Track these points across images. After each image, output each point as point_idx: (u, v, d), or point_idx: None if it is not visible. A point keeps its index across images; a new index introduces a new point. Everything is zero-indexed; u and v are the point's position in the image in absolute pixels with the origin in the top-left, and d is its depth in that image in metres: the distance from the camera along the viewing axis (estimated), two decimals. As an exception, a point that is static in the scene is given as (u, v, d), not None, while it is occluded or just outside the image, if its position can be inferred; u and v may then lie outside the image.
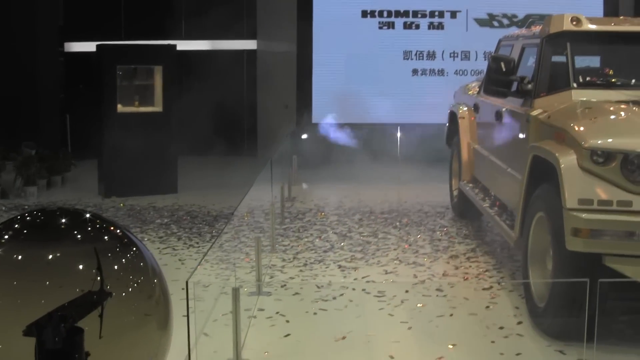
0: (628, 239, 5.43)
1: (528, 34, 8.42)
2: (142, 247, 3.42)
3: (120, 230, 3.48)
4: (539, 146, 6.42)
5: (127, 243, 3.39)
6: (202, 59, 16.77)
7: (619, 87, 7.02)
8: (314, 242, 9.36)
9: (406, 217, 10.78)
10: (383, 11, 15.43)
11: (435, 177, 12.86)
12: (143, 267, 3.31)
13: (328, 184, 13.46)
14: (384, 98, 15.23)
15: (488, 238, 9.61)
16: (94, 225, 3.43)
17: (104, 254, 3.20)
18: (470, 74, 15.31)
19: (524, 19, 15.47)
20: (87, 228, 3.39)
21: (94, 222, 3.43)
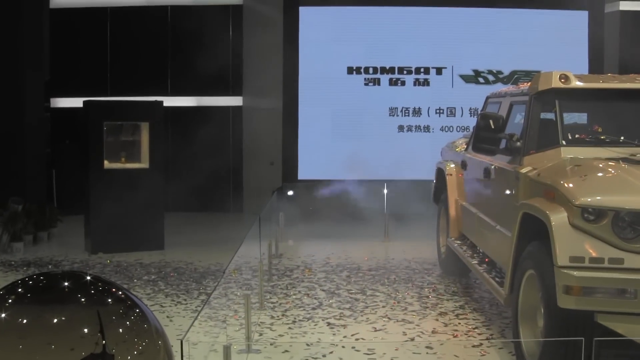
0: (620, 296, 5.43)
1: (516, 91, 8.48)
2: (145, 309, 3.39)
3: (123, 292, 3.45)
4: (529, 204, 6.44)
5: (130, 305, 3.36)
6: (188, 115, 16.83)
7: (608, 144, 7.06)
8: (302, 299, 9.32)
9: (394, 274, 10.75)
10: (369, 68, 15.53)
11: (423, 234, 12.87)
12: (147, 329, 3.27)
13: (315, 240, 13.45)
14: (370, 154, 15.30)
15: (477, 295, 9.58)
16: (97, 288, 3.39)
17: (108, 317, 3.17)
18: (456, 130, 15.40)
19: (510, 75, 15.61)
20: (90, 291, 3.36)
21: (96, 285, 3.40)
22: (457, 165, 10.32)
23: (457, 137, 12.75)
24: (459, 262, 9.79)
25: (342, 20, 15.52)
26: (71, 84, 16.80)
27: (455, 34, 15.52)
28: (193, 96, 17.02)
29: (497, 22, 15.63)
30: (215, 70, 16.83)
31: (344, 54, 15.45)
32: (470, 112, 15.48)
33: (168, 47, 17.03)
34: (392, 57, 15.51)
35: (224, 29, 17.00)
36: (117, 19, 17.03)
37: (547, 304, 5.82)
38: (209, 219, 15.78)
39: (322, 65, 15.43)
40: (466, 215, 9.61)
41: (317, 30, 15.46)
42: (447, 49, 15.51)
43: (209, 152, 16.10)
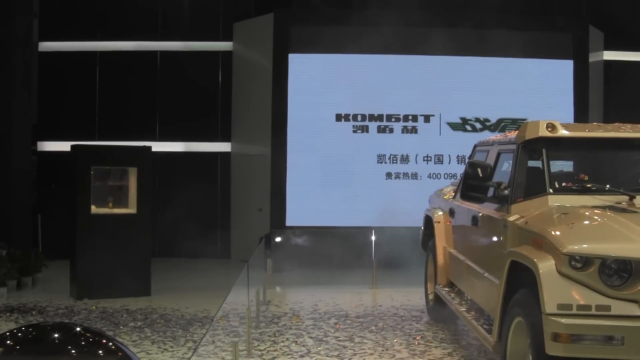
0: (607, 343, 5.45)
1: (504, 140, 8.55)
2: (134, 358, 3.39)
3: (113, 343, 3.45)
4: (516, 251, 6.47)
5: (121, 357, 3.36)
6: (176, 160, 16.86)
7: (594, 192, 7.11)
8: (290, 346, 9.28)
9: (382, 321, 10.72)
10: (357, 115, 15.64)
11: (411, 281, 12.87)
12: (138, 380, 3.28)
13: (303, 287, 13.44)
14: (358, 201, 15.37)
15: (464, 342, 9.57)
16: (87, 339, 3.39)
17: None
18: (444, 177, 15.50)
19: (497, 123, 15.75)
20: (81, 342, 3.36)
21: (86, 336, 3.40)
22: (445, 213, 10.36)
23: (445, 184, 12.82)
24: (447, 309, 9.79)
25: (331, 68, 15.65)
26: (59, 127, 16.84)
27: (443, 82, 15.68)
28: (181, 141, 17.08)
29: (484, 71, 15.80)
30: (204, 115, 16.95)
31: (332, 101, 15.57)
32: (458, 159, 15.59)
33: (157, 92, 17.11)
34: (381, 104, 15.64)
35: (214, 74, 17.11)
36: (106, 63, 17.12)
37: (536, 351, 5.83)
38: (196, 265, 15.75)
39: (311, 112, 15.53)
40: (454, 262, 9.63)
41: (306, 77, 15.58)
42: (434, 97, 15.66)
43: (196, 197, 16.12)
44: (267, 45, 15.97)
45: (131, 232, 12.50)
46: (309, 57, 15.73)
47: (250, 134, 16.64)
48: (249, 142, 16.65)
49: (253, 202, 16.29)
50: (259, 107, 16.14)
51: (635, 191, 7.09)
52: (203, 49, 17.10)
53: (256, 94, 16.32)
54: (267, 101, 15.82)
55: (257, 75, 16.35)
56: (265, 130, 15.91)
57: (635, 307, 5.52)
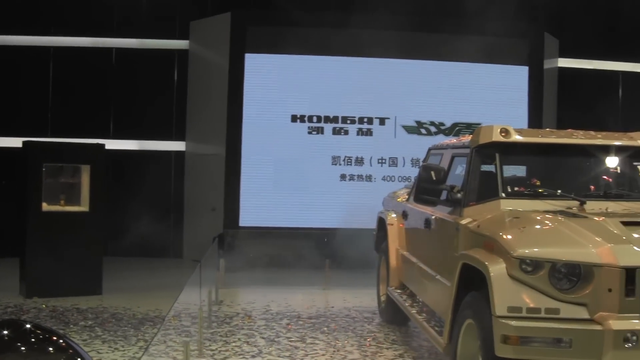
0: (556, 345, 5.52)
1: (458, 144, 8.62)
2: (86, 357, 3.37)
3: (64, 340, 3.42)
4: (468, 254, 6.52)
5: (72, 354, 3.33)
6: (130, 158, 16.76)
7: (546, 197, 7.21)
8: (241, 346, 9.26)
9: (334, 322, 10.75)
10: (313, 116, 15.65)
11: (363, 283, 12.92)
12: (88, 377, 3.26)
13: (255, 287, 13.42)
14: (312, 203, 15.38)
15: (416, 344, 9.63)
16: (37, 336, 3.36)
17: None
18: (398, 180, 15.55)
19: (451, 127, 15.85)
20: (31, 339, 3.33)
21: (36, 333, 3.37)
22: (398, 215, 10.41)
23: (399, 187, 12.87)
24: (398, 310, 9.85)
25: (288, 69, 15.64)
26: (10, 123, 16.61)
27: (398, 85, 15.74)
28: (135, 140, 16.97)
29: (440, 75, 15.89)
30: (159, 114, 16.86)
31: (288, 102, 15.57)
32: (412, 162, 15.66)
33: (111, 89, 16.97)
34: (336, 106, 15.66)
35: (169, 73, 17.03)
36: (60, 59, 16.94)
37: (486, 352, 5.89)
38: (148, 265, 15.66)
39: (267, 113, 15.52)
40: (406, 264, 9.69)
41: (262, 78, 15.56)
42: (390, 100, 15.71)
43: (150, 196, 16.03)
44: (224, 44, 15.92)
45: (83, 230, 12.40)
46: (266, 58, 15.70)
47: (205, 133, 16.58)
48: (204, 142, 16.60)
49: (206, 201, 16.23)
50: (214, 106, 16.08)
51: (586, 197, 7.20)
52: (159, 47, 17.00)
53: (212, 93, 16.27)
54: (222, 101, 15.77)
55: (213, 75, 16.30)
56: (220, 130, 15.86)
57: (584, 311, 5.59)
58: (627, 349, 5.40)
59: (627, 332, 5.41)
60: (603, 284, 5.56)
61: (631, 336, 5.40)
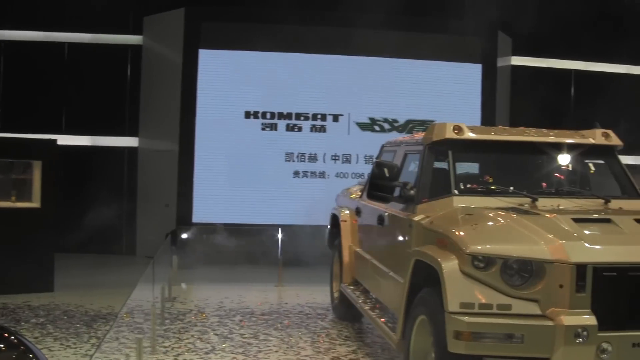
0: (508, 341, 5.56)
1: (411, 141, 8.67)
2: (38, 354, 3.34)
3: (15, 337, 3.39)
4: (421, 251, 6.55)
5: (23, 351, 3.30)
6: (82, 154, 16.61)
7: (498, 194, 7.27)
8: (195, 343, 9.24)
9: (287, 319, 10.76)
10: (266, 113, 15.63)
11: (316, 279, 12.94)
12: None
13: (208, 284, 13.39)
14: (266, 199, 15.37)
15: (369, 340, 9.66)
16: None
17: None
18: (351, 176, 15.59)
19: (405, 124, 15.92)
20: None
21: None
22: (351, 212, 10.44)
23: (352, 183, 12.92)
24: (352, 307, 9.87)
25: (242, 65, 15.61)
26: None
27: (352, 82, 15.78)
28: (88, 135, 16.82)
29: (394, 72, 15.95)
30: (112, 109, 16.75)
31: (242, 98, 15.54)
32: (366, 159, 15.70)
33: (64, 84, 16.81)
34: (290, 102, 15.66)
35: (122, 68, 16.92)
36: (12, 52, 16.76)
37: (438, 348, 5.92)
38: (101, 261, 15.55)
39: (220, 109, 15.48)
40: (360, 261, 9.72)
41: (216, 74, 15.52)
42: (344, 97, 15.75)
43: (102, 192, 15.90)
44: (178, 40, 15.85)
45: (35, 227, 12.26)
46: (220, 54, 15.66)
47: (158, 129, 16.49)
48: (157, 138, 16.51)
49: (160, 198, 16.15)
50: (167, 102, 16.00)
51: (538, 194, 7.29)
52: (112, 42, 16.88)
53: (165, 89, 16.18)
54: (176, 97, 15.70)
55: (166, 71, 16.22)
56: (173, 126, 15.79)
57: (535, 306, 5.64)
58: (577, 344, 5.46)
59: (578, 328, 5.46)
60: (554, 280, 5.61)
61: (582, 331, 5.46)
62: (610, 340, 5.52)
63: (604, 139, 8.00)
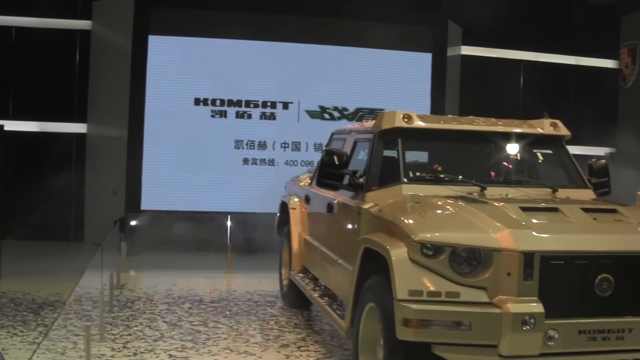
0: (456, 328, 5.60)
1: (361, 129, 8.69)
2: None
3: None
4: (370, 238, 6.58)
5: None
6: (30, 140, 16.40)
7: (447, 182, 7.33)
8: (143, 330, 9.20)
9: (236, 306, 10.75)
10: (216, 100, 15.55)
11: (265, 267, 12.94)
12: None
13: (157, 271, 13.34)
14: (215, 186, 15.31)
15: (318, 327, 9.69)
16: None
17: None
18: (301, 164, 15.58)
19: (355, 113, 15.94)
20: None
21: None
22: (300, 200, 10.45)
23: (302, 171, 12.91)
24: (301, 294, 9.89)
25: (191, 51, 15.50)
26: None
27: (302, 69, 15.76)
28: (36, 121, 16.60)
29: (344, 60, 15.96)
30: (60, 95, 16.55)
31: (191, 85, 15.43)
32: (315, 147, 15.71)
33: (11, 69, 16.57)
34: (240, 90, 15.59)
35: (71, 53, 16.70)
36: (-43, 38, 16.52)
37: (387, 336, 5.96)
38: (48, 248, 15.38)
39: (170, 95, 15.35)
40: (309, 248, 9.73)
41: (165, 60, 15.38)
42: (294, 84, 15.73)
43: (50, 179, 15.71)
44: (127, 26, 15.67)
45: (-20, 213, 12.14)
46: (170, 40, 15.51)
47: (107, 115, 16.32)
48: (106, 124, 16.34)
49: (108, 184, 16.00)
50: (116, 88, 15.83)
51: (486, 183, 7.35)
52: (60, 27, 16.63)
53: (114, 75, 16.01)
54: (125, 83, 15.54)
55: (115, 56, 16.04)
56: (122, 113, 15.63)
57: (483, 294, 5.69)
58: (525, 331, 5.52)
59: (525, 315, 5.52)
60: (502, 268, 5.66)
61: (529, 319, 5.52)
62: (556, 328, 5.59)
63: (552, 129, 8.09)
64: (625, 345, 5.77)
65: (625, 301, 5.79)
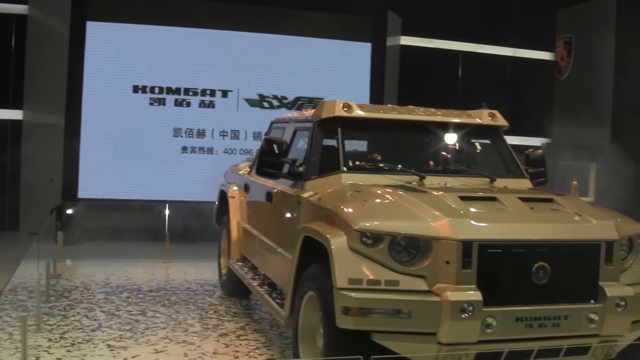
0: (395, 316, 5.63)
1: (300, 118, 8.68)
2: None
3: None
4: (310, 227, 6.57)
5: None
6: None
7: (387, 172, 7.36)
8: (81, 320, 9.10)
9: (175, 295, 10.70)
10: (155, 87, 15.43)
11: (204, 255, 12.91)
12: None
13: (95, 260, 13.20)
14: (153, 175, 15.21)
15: (257, 316, 9.68)
16: None
17: None
18: (240, 153, 15.55)
19: (294, 101, 15.94)
20: None
21: None
22: (240, 188, 10.42)
23: (241, 160, 12.89)
24: (240, 283, 9.87)
25: (130, 38, 15.34)
26: None
27: (242, 58, 15.72)
28: (-29, 108, 16.34)
29: (284, 49, 15.95)
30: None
31: (130, 73, 15.28)
32: (254, 135, 15.68)
33: (-56, 54, 16.29)
34: (179, 78, 15.49)
35: (6, 38, 16.42)
36: None
37: (327, 324, 5.96)
38: (-18, 237, 15.20)
39: (108, 83, 15.18)
40: (248, 237, 9.72)
41: (104, 47, 15.20)
42: (233, 73, 15.68)
43: (-16, 166, 15.50)
44: (65, 11, 15.44)
45: None
46: (108, 26, 15.32)
47: (44, 102, 16.08)
48: (43, 111, 16.10)
49: (44, 172, 15.79)
50: (54, 75, 15.62)
51: (425, 172, 7.41)
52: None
53: (51, 61, 15.79)
54: (62, 69, 15.32)
55: (53, 42, 15.82)
56: (59, 99, 15.41)
57: (422, 282, 5.73)
58: (463, 319, 5.57)
59: (464, 303, 5.57)
60: (441, 256, 5.70)
61: (467, 307, 5.57)
62: (494, 315, 5.65)
63: (490, 119, 8.18)
64: (561, 331, 5.87)
65: (561, 289, 5.89)
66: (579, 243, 6.04)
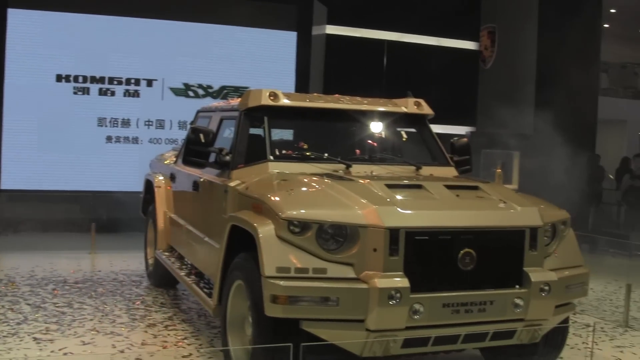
0: (323, 304, 5.66)
1: (226, 106, 8.68)
2: None
3: None
4: (237, 216, 6.58)
5: None
6: None
7: (313, 160, 7.41)
8: (6, 314, 8.96)
9: (101, 287, 10.61)
10: (78, 76, 15.22)
11: (130, 246, 12.83)
12: None
13: (18, 252, 13.03)
14: (78, 165, 15.00)
15: (185, 306, 9.66)
16: None
17: None
18: (165, 142, 15.44)
19: (219, 90, 15.88)
20: None
21: None
22: (166, 178, 10.38)
23: (166, 149, 12.82)
24: (167, 273, 9.83)
25: (53, 26, 15.09)
26: None
27: (166, 46, 15.60)
28: None
29: (209, 37, 15.87)
30: None
31: (53, 61, 15.03)
32: (180, 125, 15.59)
33: None
34: (103, 66, 15.30)
35: None
36: None
37: (255, 313, 5.98)
38: None
39: (30, 72, 14.91)
40: (175, 227, 9.69)
41: (25, 35, 14.92)
42: (158, 61, 15.55)
43: None
44: (-16, -1, 15.19)
45: None
46: (30, 14, 15.05)
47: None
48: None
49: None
50: (-27, 64, 15.34)
51: (351, 160, 7.47)
52: None
53: (-29, 50, 15.51)
54: (-18, 58, 15.07)
55: (-28, 31, 15.53)
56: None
57: (350, 270, 5.77)
58: (391, 306, 5.62)
59: (392, 290, 5.62)
60: (368, 244, 5.75)
61: (395, 293, 5.62)
62: (422, 302, 5.73)
63: (415, 107, 8.27)
64: (487, 317, 5.98)
65: (486, 275, 6.00)
66: (504, 229, 6.15)
